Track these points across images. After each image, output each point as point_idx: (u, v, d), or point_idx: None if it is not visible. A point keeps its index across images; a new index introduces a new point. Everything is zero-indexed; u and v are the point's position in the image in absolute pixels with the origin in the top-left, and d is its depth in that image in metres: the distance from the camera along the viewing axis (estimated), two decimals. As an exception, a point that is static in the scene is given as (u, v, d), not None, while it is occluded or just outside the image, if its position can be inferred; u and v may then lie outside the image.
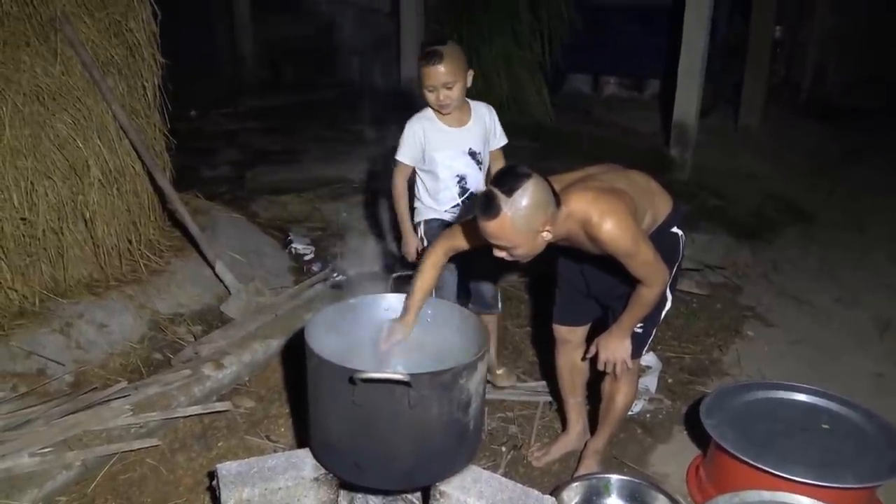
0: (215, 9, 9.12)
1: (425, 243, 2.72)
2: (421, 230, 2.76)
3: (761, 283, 4.19)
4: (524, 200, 1.82)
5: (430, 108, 2.62)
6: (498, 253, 1.95)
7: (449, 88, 2.51)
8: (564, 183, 2.04)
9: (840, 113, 7.91)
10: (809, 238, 4.92)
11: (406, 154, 2.64)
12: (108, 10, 3.29)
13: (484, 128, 2.69)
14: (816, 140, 7.08)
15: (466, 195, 2.69)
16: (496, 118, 2.74)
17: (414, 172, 2.71)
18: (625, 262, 2.00)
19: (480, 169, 2.70)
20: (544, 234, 1.90)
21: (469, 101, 2.68)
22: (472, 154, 2.66)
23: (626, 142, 6.34)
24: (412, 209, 2.79)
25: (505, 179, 1.85)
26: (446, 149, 2.63)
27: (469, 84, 2.58)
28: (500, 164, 2.76)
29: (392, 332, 2.18)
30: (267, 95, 8.22)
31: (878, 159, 6.71)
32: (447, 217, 2.71)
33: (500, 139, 2.76)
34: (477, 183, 2.69)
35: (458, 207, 2.70)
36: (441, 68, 2.47)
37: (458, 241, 2.18)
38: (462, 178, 2.67)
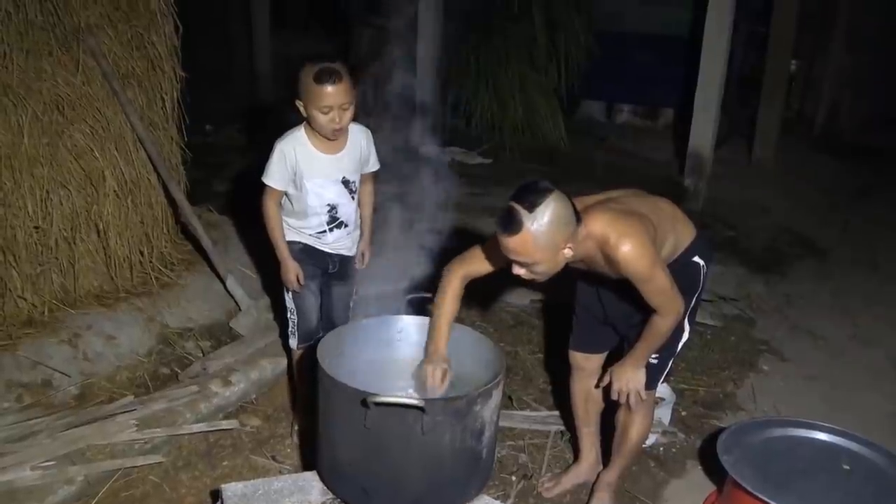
0: (233, 24, 9.21)
1: None
2: None
3: (775, 316, 4.14)
4: (546, 216, 1.78)
5: (301, 130, 2.44)
6: (517, 270, 1.91)
7: (345, 109, 2.32)
8: (585, 204, 2.01)
9: (854, 149, 7.89)
10: (823, 273, 4.87)
11: (276, 178, 2.44)
12: (132, 23, 3.30)
13: (359, 154, 2.52)
14: (830, 175, 7.05)
15: (335, 223, 2.55)
16: (372, 143, 2.57)
17: None
18: (639, 288, 1.96)
19: (353, 198, 2.55)
20: (566, 250, 1.87)
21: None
22: (346, 183, 2.50)
23: (639, 169, 6.32)
24: None
25: (526, 194, 1.80)
26: (318, 177, 2.45)
27: None
28: (368, 187, 2.62)
29: (436, 374, 2.04)
30: (282, 112, 8.25)
31: (891, 196, 6.69)
32: (311, 241, 2.57)
33: (374, 164, 2.60)
34: (348, 212, 2.55)
35: (325, 233, 2.56)
36: (342, 86, 2.28)
37: (474, 267, 2.13)
38: (333, 208, 2.51)
